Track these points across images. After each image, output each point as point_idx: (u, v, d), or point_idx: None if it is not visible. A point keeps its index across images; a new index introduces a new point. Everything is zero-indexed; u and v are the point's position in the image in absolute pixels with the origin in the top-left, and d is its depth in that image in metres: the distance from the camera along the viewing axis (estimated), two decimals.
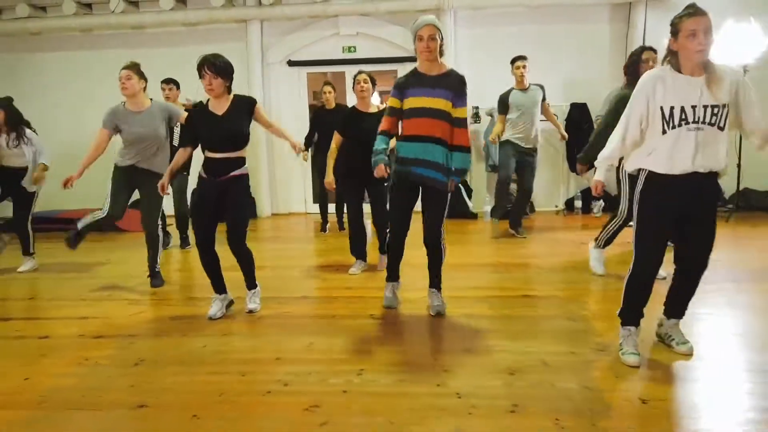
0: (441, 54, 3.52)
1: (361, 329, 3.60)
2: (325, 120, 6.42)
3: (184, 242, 6.43)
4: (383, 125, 3.72)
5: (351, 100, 8.41)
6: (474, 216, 7.71)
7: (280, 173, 8.74)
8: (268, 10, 8.11)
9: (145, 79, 4.69)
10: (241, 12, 8.20)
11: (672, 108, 2.73)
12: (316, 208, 8.46)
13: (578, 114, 7.80)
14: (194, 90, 4.70)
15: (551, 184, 8.17)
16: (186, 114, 4.58)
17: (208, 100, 3.77)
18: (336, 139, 4.84)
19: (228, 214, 3.77)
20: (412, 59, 7.97)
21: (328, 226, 7.21)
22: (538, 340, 3.30)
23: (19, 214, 5.52)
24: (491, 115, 7.87)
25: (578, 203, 7.88)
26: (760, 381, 2.72)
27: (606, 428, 2.33)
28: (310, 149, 7.05)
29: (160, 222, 4.82)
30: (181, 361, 3.18)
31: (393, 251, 3.89)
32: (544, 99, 6.25)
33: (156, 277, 4.81)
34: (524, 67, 6.10)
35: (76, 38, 8.68)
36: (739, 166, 7.05)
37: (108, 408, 2.66)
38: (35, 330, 3.80)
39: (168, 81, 6.34)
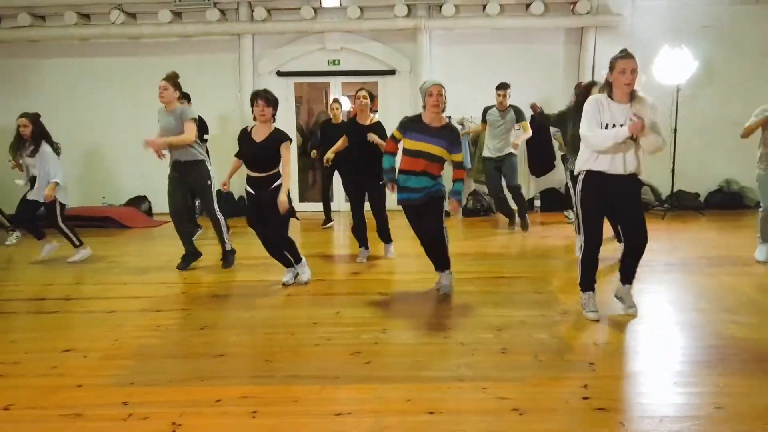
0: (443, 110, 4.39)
1: (376, 302, 4.48)
2: (332, 133, 7.24)
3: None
4: (388, 147, 4.62)
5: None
6: (447, 214, 8.67)
7: None
8: (260, 25, 8.86)
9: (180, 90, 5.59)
10: (234, 26, 8.92)
11: (608, 125, 3.73)
12: (304, 206, 9.28)
13: (537, 125, 8.83)
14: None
15: None
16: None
17: (253, 126, 4.68)
18: (343, 140, 5.78)
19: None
20: (391, 72, 9.00)
21: (330, 223, 8.08)
22: (516, 308, 4.25)
23: (47, 219, 6.13)
24: (461, 124, 8.83)
25: (537, 203, 8.95)
26: (684, 333, 3.75)
27: (571, 360, 3.30)
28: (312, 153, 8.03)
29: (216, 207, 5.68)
30: (238, 326, 3.99)
31: (428, 252, 4.67)
32: (519, 120, 7.25)
33: (227, 258, 5.69)
34: (504, 96, 7.10)
35: (74, 46, 9.18)
36: (673, 171, 8.25)
37: (194, 357, 3.46)
38: (100, 306, 4.51)
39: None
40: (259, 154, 4.62)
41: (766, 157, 5.42)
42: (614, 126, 3.70)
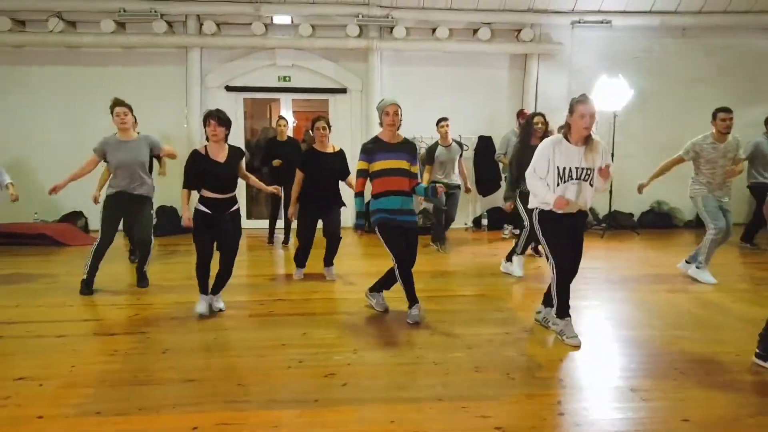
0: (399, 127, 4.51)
1: (342, 322, 4.46)
2: (277, 150, 7.15)
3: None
4: (358, 187, 4.57)
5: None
6: None
7: None
8: (209, 39, 8.71)
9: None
10: (182, 39, 8.71)
11: (563, 168, 3.92)
12: (251, 224, 9.13)
13: (484, 145, 9.14)
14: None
15: (461, 205, 9.41)
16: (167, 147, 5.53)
17: (206, 146, 4.52)
18: (298, 176, 5.64)
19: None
20: (342, 91, 9.05)
21: (275, 238, 7.98)
22: (481, 326, 4.34)
23: None
24: None
25: (485, 221, 9.20)
26: (640, 348, 3.94)
27: (542, 377, 3.41)
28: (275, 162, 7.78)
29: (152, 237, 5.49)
30: (203, 349, 3.87)
31: (406, 282, 4.49)
32: (461, 155, 7.42)
33: (144, 279, 5.50)
34: (447, 126, 7.24)
35: (7, 53, 8.69)
36: (610, 192, 8.71)
37: (162, 383, 3.33)
38: (48, 330, 4.25)
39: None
40: (225, 175, 4.50)
41: (702, 183, 5.69)
42: (569, 169, 3.90)
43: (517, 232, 8.34)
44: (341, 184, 5.75)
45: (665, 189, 9.33)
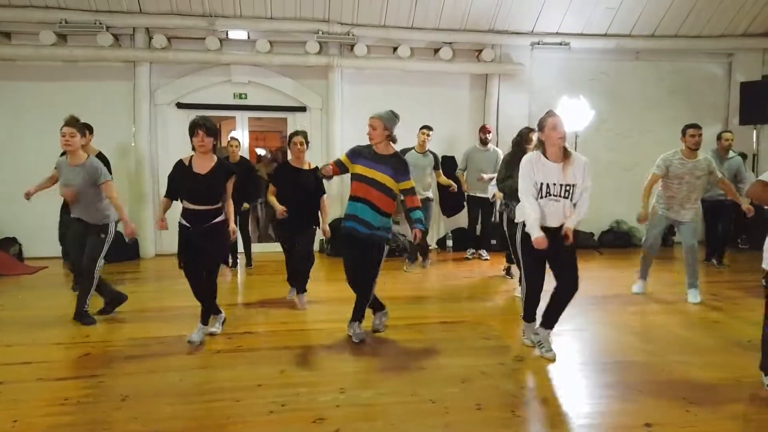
0: (392, 140, 4.34)
1: (321, 356, 4.09)
2: None
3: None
4: (331, 170, 4.42)
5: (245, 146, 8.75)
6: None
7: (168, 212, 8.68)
8: (159, 53, 8.21)
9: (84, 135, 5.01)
10: (130, 53, 8.18)
11: (543, 183, 3.86)
12: None
13: (448, 165, 8.97)
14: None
15: None
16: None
17: (191, 157, 4.26)
18: (272, 190, 5.37)
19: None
20: (301, 109, 8.73)
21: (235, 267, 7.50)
22: (472, 356, 4.07)
23: None
24: None
25: (450, 242, 9.00)
26: (643, 375, 3.76)
27: (551, 413, 3.16)
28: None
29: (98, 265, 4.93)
30: (169, 393, 3.41)
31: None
32: (437, 167, 7.34)
33: (86, 317, 4.87)
34: (428, 135, 7.17)
35: None
36: None
37: None
38: None
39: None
40: (203, 187, 4.24)
41: (667, 199, 5.78)
42: (548, 185, 3.86)
43: (484, 254, 8.23)
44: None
45: (624, 209, 9.52)
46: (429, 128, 7.26)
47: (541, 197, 3.86)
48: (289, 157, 5.59)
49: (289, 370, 3.78)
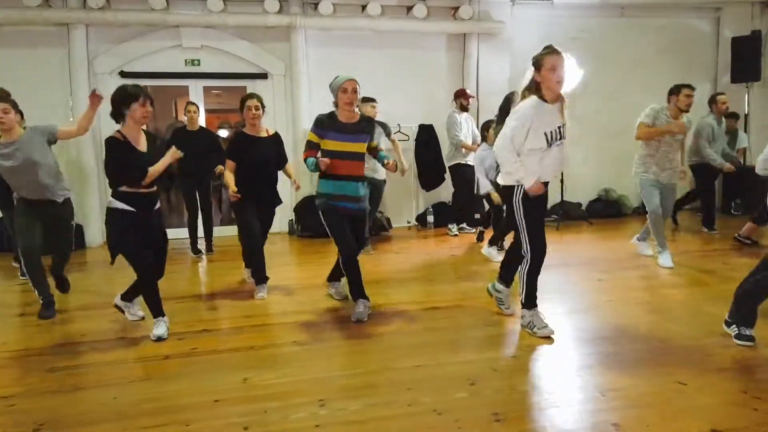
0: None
1: (293, 357, 3.36)
2: (189, 142, 5.81)
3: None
4: (308, 154, 3.98)
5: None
6: None
7: None
8: (96, 14, 7.21)
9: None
10: (61, 14, 7.15)
11: (549, 131, 3.42)
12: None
13: (426, 134, 8.25)
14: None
15: (401, 201, 8.49)
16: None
17: (121, 132, 3.56)
18: (229, 165, 4.59)
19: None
20: (262, 76, 7.86)
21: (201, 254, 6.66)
22: (476, 349, 3.40)
23: None
24: None
25: (430, 218, 8.29)
26: (692, 366, 3.13)
27: (584, 426, 2.48)
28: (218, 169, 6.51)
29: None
30: (96, 419, 2.64)
31: (352, 273, 4.05)
32: (388, 135, 6.64)
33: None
34: (374, 108, 6.41)
35: None
36: (562, 181, 8.08)
37: None
38: None
39: None
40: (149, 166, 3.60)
41: (645, 159, 5.42)
42: (552, 132, 3.45)
43: (472, 229, 7.55)
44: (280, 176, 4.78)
45: (612, 176, 8.98)
46: (373, 100, 6.48)
47: (549, 146, 3.46)
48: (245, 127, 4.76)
49: (254, 378, 3.04)
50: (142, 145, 3.61)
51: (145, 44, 7.60)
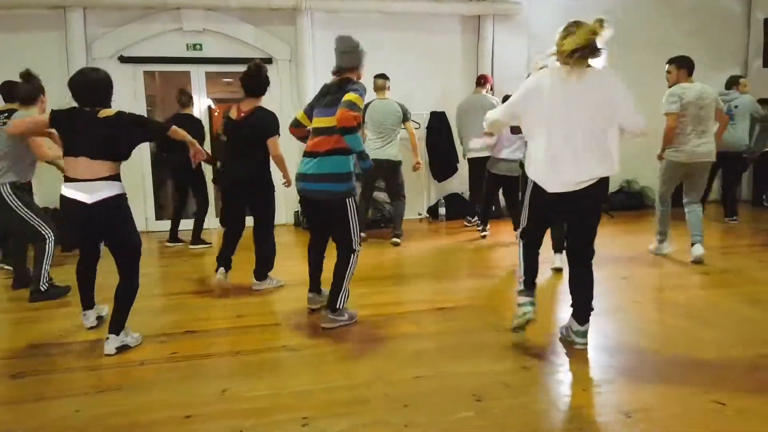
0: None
1: (280, 364, 3.03)
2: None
3: None
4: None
5: (200, 105, 7.57)
6: None
7: None
8: None
9: None
10: None
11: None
12: (158, 226, 7.49)
13: (437, 122, 7.87)
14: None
15: (412, 192, 8.10)
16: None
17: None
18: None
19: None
20: (267, 61, 7.52)
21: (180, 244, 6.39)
22: (484, 358, 3.03)
23: None
24: None
25: (442, 210, 7.91)
26: (718, 384, 2.74)
27: None
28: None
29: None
30: None
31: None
32: (405, 120, 6.22)
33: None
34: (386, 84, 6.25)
35: None
36: None
37: None
38: None
39: None
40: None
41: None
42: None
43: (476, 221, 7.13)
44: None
45: (635, 167, 8.50)
46: (385, 77, 6.35)
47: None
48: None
49: (233, 389, 2.71)
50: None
51: (145, 27, 7.31)
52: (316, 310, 3.79)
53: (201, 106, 7.57)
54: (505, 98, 5.90)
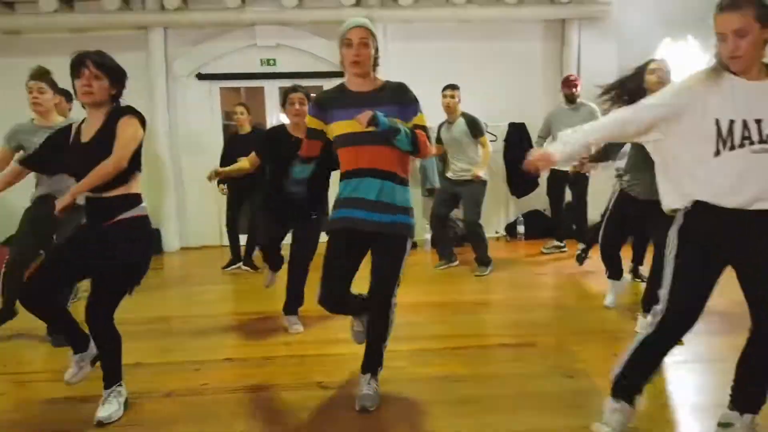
0: (375, 66, 2.79)
1: (308, 405, 2.74)
2: (238, 147, 5.38)
3: None
4: (302, 150, 2.93)
5: (273, 120, 7.58)
6: (414, 245, 7.00)
7: (191, 200, 7.65)
8: (173, 15, 7.11)
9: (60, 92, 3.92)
10: (140, 17, 7.14)
11: (730, 121, 2.03)
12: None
13: (517, 134, 7.38)
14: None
15: (488, 208, 7.65)
16: None
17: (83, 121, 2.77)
18: (252, 160, 3.88)
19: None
20: (339, 74, 7.33)
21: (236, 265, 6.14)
22: (539, 411, 2.58)
23: None
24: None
25: (521, 228, 7.39)
26: None
27: None
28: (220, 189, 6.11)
29: None
30: None
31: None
32: (476, 135, 5.56)
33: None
34: (452, 96, 5.55)
35: None
36: None
37: None
38: None
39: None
40: (84, 161, 2.55)
41: None
42: (744, 123, 2.02)
43: (562, 245, 6.48)
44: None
45: None
46: (452, 87, 5.64)
47: (731, 147, 2.02)
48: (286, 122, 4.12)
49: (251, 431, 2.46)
50: (87, 135, 2.64)
51: (221, 45, 7.41)
52: None
53: (274, 121, 7.55)
54: None
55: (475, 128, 5.56)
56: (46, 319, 2.74)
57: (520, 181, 7.38)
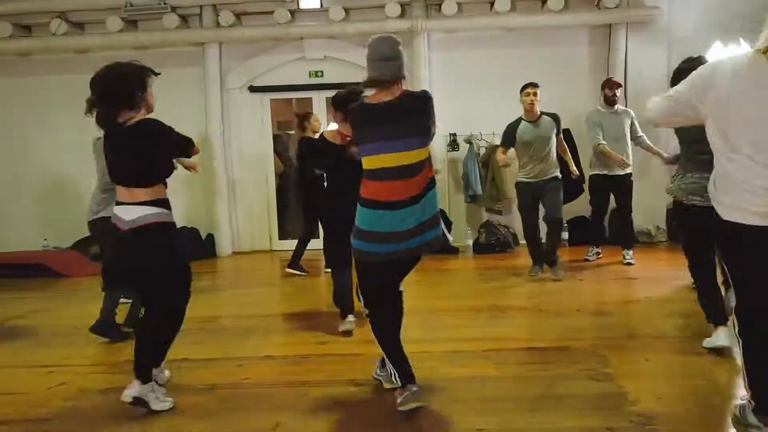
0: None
1: (340, 401, 2.89)
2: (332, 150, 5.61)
3: None
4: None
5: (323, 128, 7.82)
6: (455, 251, 7.09)
7: (242, 206, 8.00)
8: (227, 32, 7.50)
9: None
10: (197, 34, 7.56)
11: None
12: (282, 245, 7.79)
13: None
14: None
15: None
16: None
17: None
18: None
19: None
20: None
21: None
22: (565, 412, 2.64)
23: None
24: (470, 143, 7.40)
25: (565, 234, 7.34)
26: None
27: None
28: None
29: None
30: None
31: (384, 341, 2.90)
32: (558, 132, 5.51)
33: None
34: (534, 94, 5.42)
35: (13, 63, 7.85)
36: None
37: None
38: None
39: None
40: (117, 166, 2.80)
41: None
42: None
43: (599, 251, 6.35)
44: None
45: None
46: (534, 85, 5.48)
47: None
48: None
49: (285, 425, 2.62)
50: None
51: (271, 58, 7.77)
52: None
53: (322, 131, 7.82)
54: None
55: (559, 124, 5.49)
56: None
57: (565, 188, 7.33)
